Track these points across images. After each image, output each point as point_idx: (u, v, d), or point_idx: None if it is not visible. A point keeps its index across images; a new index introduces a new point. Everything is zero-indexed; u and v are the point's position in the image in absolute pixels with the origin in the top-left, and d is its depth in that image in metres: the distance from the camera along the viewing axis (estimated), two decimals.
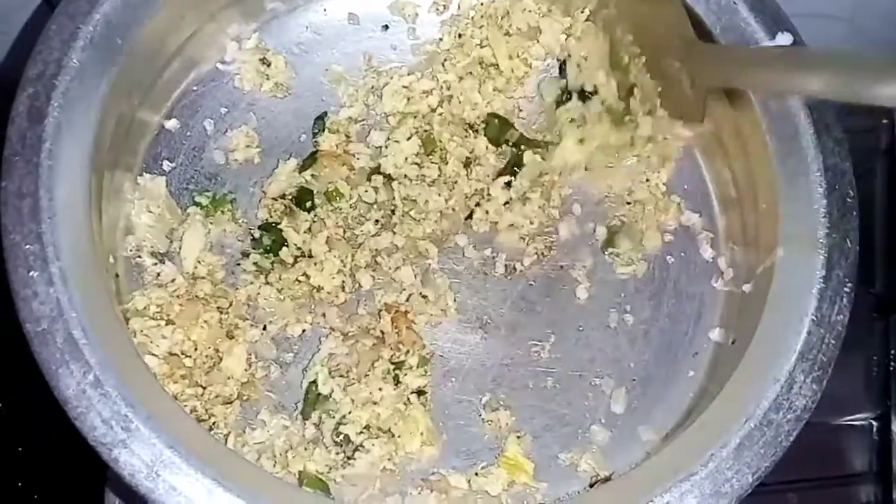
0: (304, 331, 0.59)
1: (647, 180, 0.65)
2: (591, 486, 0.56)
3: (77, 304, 0.45)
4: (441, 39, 0.66)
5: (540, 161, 0.63)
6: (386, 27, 0.67)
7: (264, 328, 0.58)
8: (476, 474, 0.56)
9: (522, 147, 0.64)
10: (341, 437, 0.56)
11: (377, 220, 0.61)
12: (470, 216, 0.63)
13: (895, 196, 0.81)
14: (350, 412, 0.56)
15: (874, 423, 0.73)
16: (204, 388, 0.55)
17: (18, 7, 0.69)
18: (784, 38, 0.56)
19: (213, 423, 0.55)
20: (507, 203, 0.63)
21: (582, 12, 0.66)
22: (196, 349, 0.56)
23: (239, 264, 0.60)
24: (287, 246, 0.59)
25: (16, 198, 0.47)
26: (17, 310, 0.45)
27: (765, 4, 0.56)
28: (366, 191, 0.61)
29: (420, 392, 0.58)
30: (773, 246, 0.53)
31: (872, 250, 0.80)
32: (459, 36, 0.66)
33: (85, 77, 0.51)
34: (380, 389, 0.57)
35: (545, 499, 0.55)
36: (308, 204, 0.61)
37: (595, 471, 0.56)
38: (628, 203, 0.65)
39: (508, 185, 0.63)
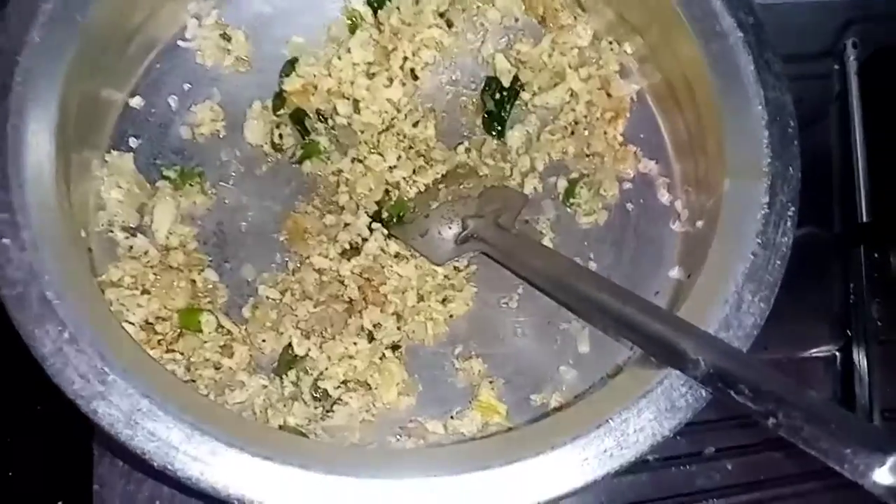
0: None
1: (605, 133, 0.67)
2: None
3: (49, 268, 0.46)
4: (399, 9, 0.67)
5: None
6: None
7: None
8: (451, 418, 0.58)
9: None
10: (320, 391, 0.57)
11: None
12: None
13: (848, 140, 0.82)
14: (327, 368, 0.58)
15: (838, 354, 0.75)
16: (181, 353, 0.57)
17: None
18: None
19: (194, 385, 0.56)
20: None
21: None
22: (171, 317, 0.57)
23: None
24: None
25: None
26: None
27: None
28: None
29: (395, 347, 0.60)
30: (722, 180, 0.54)
31: (830, 192, 0.82)
32: (417, 2, 0.68)
33: (46, 54, 0.52)
34: (354, 344, 0.58)
35: None
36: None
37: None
38: (588, 156, 0.66)
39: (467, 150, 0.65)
